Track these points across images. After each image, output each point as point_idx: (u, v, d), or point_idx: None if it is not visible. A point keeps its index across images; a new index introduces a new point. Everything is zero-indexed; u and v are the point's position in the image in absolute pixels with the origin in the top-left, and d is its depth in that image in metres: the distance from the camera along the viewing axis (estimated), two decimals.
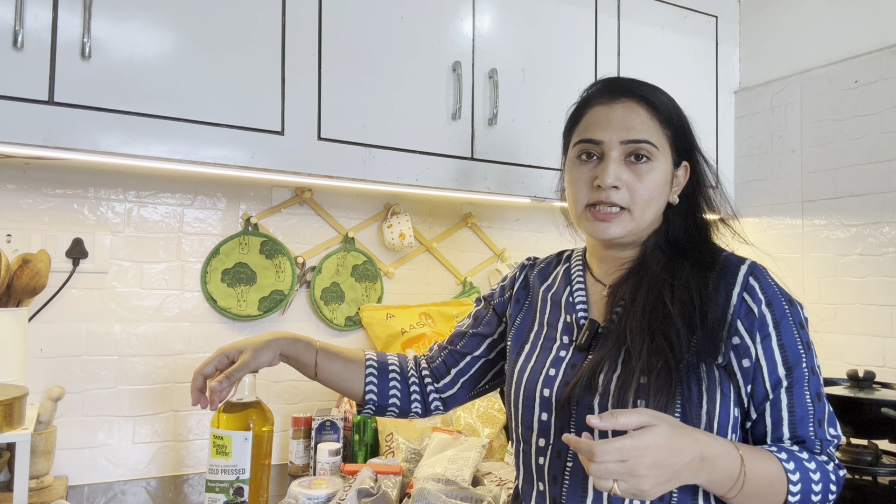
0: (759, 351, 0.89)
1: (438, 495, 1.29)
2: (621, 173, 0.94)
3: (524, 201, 1.84)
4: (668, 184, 0.99)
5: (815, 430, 0.89)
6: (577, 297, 1.04)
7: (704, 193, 1.03)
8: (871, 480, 1.46)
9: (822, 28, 1.98)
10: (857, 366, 1.78)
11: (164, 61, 1.29)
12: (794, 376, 0.89)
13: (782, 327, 0.90)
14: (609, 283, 1.01)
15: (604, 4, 1.86)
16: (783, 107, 2.06)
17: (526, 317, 1.09)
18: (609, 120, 0.96)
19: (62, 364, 1.54)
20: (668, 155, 0.98)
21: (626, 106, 0.97)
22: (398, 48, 1.54)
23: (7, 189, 1.50)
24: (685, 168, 1.01)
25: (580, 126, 1.00)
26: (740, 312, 0.90)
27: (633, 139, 0.95)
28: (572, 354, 0.98)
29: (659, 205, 0.98)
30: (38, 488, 1.40)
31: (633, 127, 0.95)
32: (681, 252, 0.98)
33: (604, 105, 0.98)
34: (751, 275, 0.92)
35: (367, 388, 1.13)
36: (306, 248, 1.82)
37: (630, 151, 0.95)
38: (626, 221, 0.96)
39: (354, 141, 1.48)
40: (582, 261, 1.09)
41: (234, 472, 0.93)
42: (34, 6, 1.18)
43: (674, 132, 0.98)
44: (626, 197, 0.95)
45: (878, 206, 1.81)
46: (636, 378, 0.88)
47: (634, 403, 0.87)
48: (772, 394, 0.89)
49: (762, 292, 0.91)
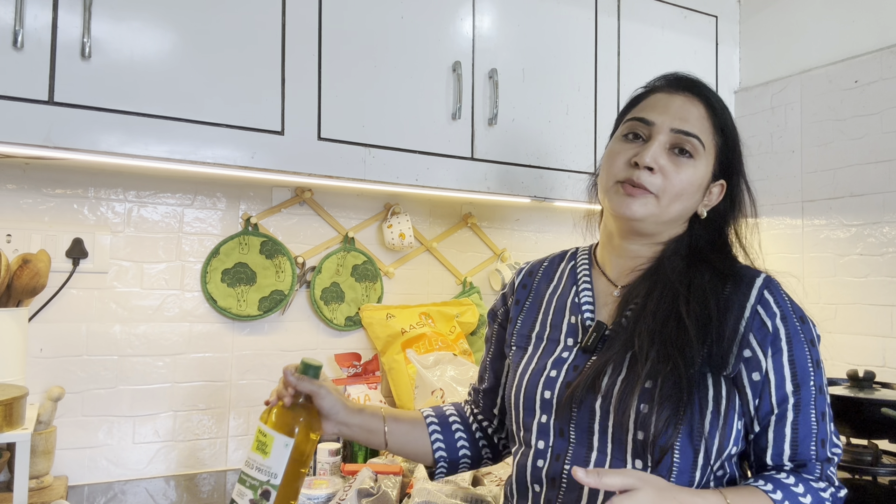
0: (769, 365, 0.88)
1: (438, 495, 1.29)
2: (661, 158, 0.94)
3: (524, 201, 1.84)
4: (702, 189, 0.97)
5: (818, 451, 0.88)
6: (583, 297, 1.01)
7: (736, 219, 1.02)
8: (871, 480, 1.46)
9: (822, 28, 1.98)
10: (857, 366, 1.78)
11: (164, 61, 1.29)
12: (801, 394, 0.88)
13: (794, 343, 0.89)
14: (622, 284, 0.99)
15: (604, 4, 1.86)
16: (783, 107, 2.06)
17: (527, 318, 1.07)
18: (667, 106, 0.97)
19: (62, 364, 1.54)
20: (712, 161, 0.97)
21: (687, 98, 0.97)
22: (398, 48, 1.54)
23: (7, 189, 1.50)
24: (721, 186, 1.00)
25: (637, 107, 1.00)
26: (753, 325, 0.89)
27: (684, 130, 0.94)
28: (576, 356, 0.96)
29: (686, 204, 0.96)
30: (38, 488, 1.40)
31: (688, 119, 0.95)
32: (699, 260, 0.96)
33: (665, 93, 0.99)
34: (766, 288, 0.91)
35: (434, 447, 1.08)
36: (306, 248, 1.82)
37: (677, 142, 0.95)
38: (652, 205, 0.94)
39: (354, 141, 1.49)
40: (589, 259, 1.06)
41: (267, 474, 0.91)
42: (34, 6, 1.18)
43: (723, 142, 0.98)
44: (659, 182, 0.94)
45: (878, 206, 1.81)
46: (641, 382, 0.86)
47: (637, 409, 0.86)
48: (777, 409, 0.88)
49: (777, 306, 0.90)
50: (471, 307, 2.00)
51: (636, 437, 0.86)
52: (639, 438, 0.86)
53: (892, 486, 1.45)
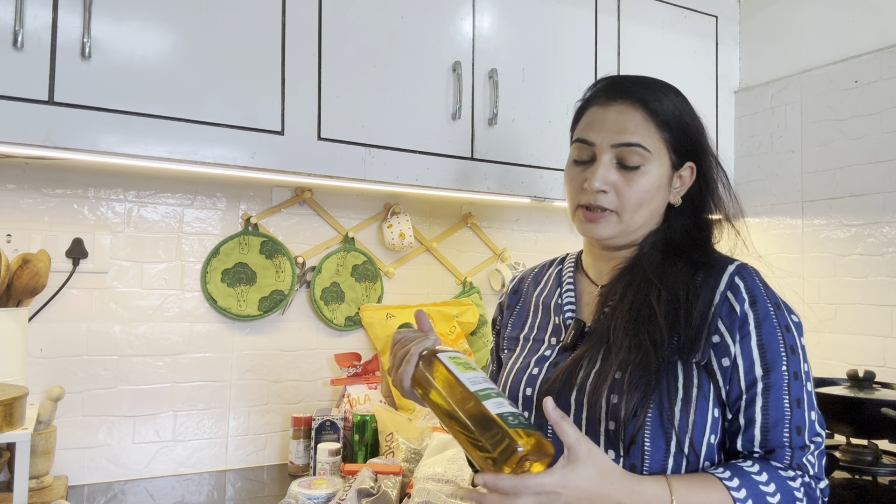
0: (737, 350, 0.88)
1: (438, 495, 1.29)
2: (610, 176, 0.95)
3: (524, 201, 1.84)
4: (664, 186, 0.98)
5: (791, 438, 0.86)
6: (566, 298, 1.04)
7: (713, 194, 1.02)
8: (871, 480, 1.46)
9: (822, 28, 1.98)
10: (857, 366, 1.78)
11: (164, 61, 1.29)
12: (771, 378, 0.87)
13: (763, 327, 0.88)
14: (602, 284, 1.01)
15: (604, 4, 1.86)
16: (783, 107, 2.06)
17: (516, 321, 1.10)
18: (603, 122, 0.96)
19: (62, 364, 1.54)
20: (665, 158, 0.97)
21: (620, 109, 0.96)
22: (398, 48, 1.54)
23: (7, 189, 1.50)
24: (690, 169, 1.00)
25: (579, 126, 1.01)
26: (722, 311, 0.90)
27: (623, 142, 0.94)
28: (557, 353, 0.99)
29: (651, 207, 0.97)
30: (38, 488, 1.40)
31: (626, 130, 0.95)
32: (676, 252, 0.97)
33: (601, 106, 0.98)
34: (737, 274, 0.92)
35: None
36: (306, 248, 1.82)
37: (621, 156, 0.95)
38: (614, 223, 0.96)
39: (354, 141, 1.49)
40: (575, 263, 1.09)
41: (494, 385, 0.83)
42: (34, 6, 1.18)
43: (672, 135, 0.97)
44: (614, 200, 0.95)
45: (878, 206, 1.81)
46: (612, 373, 0.88)
47: (608, 398, 0.87)
48: (746, 393, 0.87)
49: (747, 292, 0.90)
50: (471, 307, 2.00)
51: (608, 428, 0.88)
52: (610, 429, 0.87)
53: (892, 486, 1.45)
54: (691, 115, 1.00)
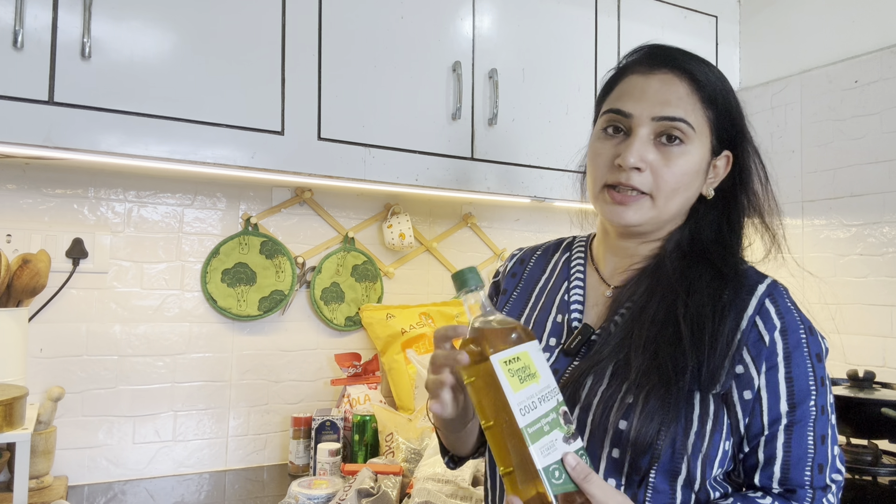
0: (762, 382, 0.79)
1: (438, 495, 1.29)
2: (647, 153, 0.83)
3: (524, 201, 1.84)
4: (702, 173, 0.87)
5: (813, 477, 0.79)
6: (573, 295, 0.93)
7: (749, 191, 0.90)
8: (871, 480, 1.46)
9: (822, 28, 1.98)
10: (857, 366, 1.78)
11: (165, 61, 1.29)
12: (796, 414, 0.79)
13: (794, 359, 0.79)
14: (614, 285, 0.91)
15: (604, 4, 1.86)
16: (783, 107, 2.06)
17: (513, 310, 0.99)
18: (643, 91, 0.85)
19: (62, 364, 1.54)
20: (707, 140, 0.86)
21: (664, 78, 0.85)
22: (398, 48, 1.54)
23: (7, 189, 1.50)
24: (727, 158, 0.89)
25: (612, 94, 0.89)
26: (749, 339, 0.80)
27: (666, 116, 0.83)
28: (557, 358, 0.89)
29: (687, 195, 0.86)
30: (38, 488, 1.40)
31: (669, 102, 0.84)
32: (702, 258, 0.87)
33: (641, 75, 0.87)
34: (768, 296, 0.82)
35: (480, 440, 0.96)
36: (306, 248, 1.82)
37: (662, 130, 0.84)
38: (647, 208, 0.85)
39: (354, 141, 1.49)
40: (584, 253, 0.98)
41: (552, 396, 0.70)
42: (34, 6, 1.18)
43: (717, 114, 0.87)
44: (650, 181, 0.84)
45: (878, 206, 1.81)
46: (624, 396, 0.79)
47: (615, 424, 0.78)
48: (768, 430, 0.79)
49: (778, 317, 0.80)
50: None
51: (611, 455, 0.80)
52: (614, 456, 0.79)
53: (892, 486, 1.45)
54: (735, 96, 0.90)
